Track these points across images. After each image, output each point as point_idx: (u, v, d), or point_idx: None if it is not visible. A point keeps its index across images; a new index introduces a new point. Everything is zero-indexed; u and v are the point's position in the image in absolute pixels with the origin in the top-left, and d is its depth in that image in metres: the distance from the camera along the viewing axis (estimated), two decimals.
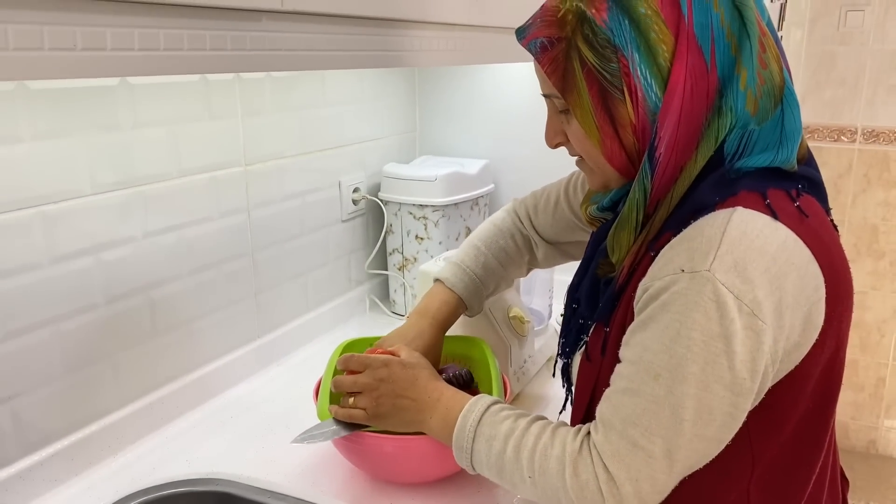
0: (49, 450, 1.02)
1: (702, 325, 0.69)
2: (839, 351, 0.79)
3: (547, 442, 0.78)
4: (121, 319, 1.11)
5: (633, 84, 0.74)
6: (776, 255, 0.70)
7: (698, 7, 0.73)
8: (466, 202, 1.68)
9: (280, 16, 0.85)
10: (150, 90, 1.11)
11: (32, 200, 0.97)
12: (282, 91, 1.37)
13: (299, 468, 1.07)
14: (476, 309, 1.14)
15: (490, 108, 1.79)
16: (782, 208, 0.73)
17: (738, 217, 0.71)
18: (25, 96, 0.94)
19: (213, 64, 0.77)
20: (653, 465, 0.72)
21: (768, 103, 0.75)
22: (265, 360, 1.40)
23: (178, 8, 0.72)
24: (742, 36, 0.73)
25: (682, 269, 0.70)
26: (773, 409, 0.76)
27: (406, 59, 1.13)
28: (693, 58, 0.73)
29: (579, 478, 0.74)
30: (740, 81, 0.73)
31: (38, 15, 0.60)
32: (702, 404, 0.70)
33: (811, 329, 0.73)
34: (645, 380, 0.72)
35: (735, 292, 0.68)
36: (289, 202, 1.43)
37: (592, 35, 0.75)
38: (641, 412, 0.72)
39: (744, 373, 0.69)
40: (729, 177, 0.74)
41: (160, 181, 1.15)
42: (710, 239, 0.70)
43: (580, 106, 0.78)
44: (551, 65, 0.79)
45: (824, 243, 0.75)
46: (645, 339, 0.73)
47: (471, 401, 0.86)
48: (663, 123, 0.74)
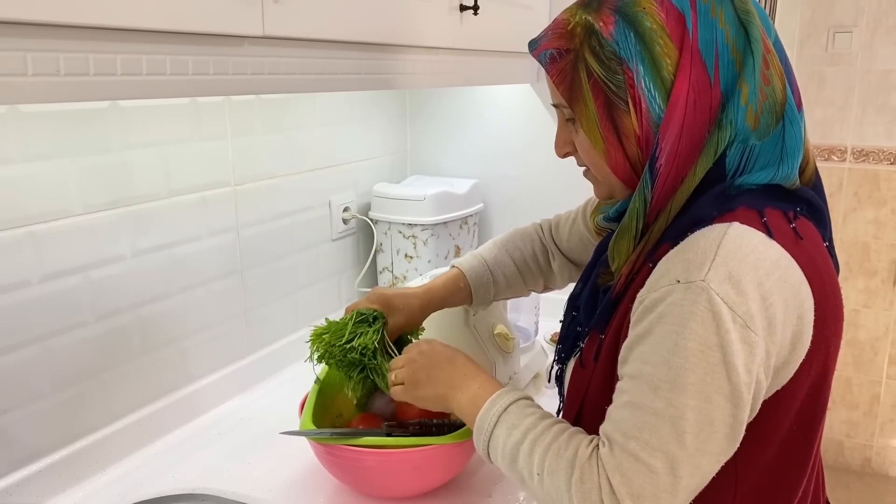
0: (37, 465, 1.03)
1: (699, 335, 0.69)
2: (826, 375, 0.79)
3: (562, 444, 0.77)
4: (110, 337, 1.13)
5: (637, 95, 0.77)
6: (769, 272, 0.71)
7: (704, 23, 0.76)
8: (455, 221, 1.70)
9: (262, 41, 0.87)
10: (140, 112, 1.13)
11: (23, 220, 0.99)
12: (272, 112, 1.40)
13: (285, 484, 1.09)
14: (480, 298, 1.17)
15: (479, 128, 1.82)
16: (778, 228, 0.75)
17: (734, 231, 0.72)
18: (17, 118, 0.97)
19: (196, 88, 0.80)
20: (656, 482, 0.70)
21: (769, 119, 0.76)
22: (254, 377, 1.42)
23: (160, 34, 0.74)
24: (746, 52, 0.75)
25: (678, 280, 0.71)
26: (757, 428, 0.76)
27: (391, 82, 1.16)
28: (697, 71, 0.75)
29: (584, 485, 0.74)
30: (741, 96, 0.75)
31: (22, 42, 0.63)
32: (702, 416, 0.70)
33: (799, 349, 0.74)
34: (645, 393, 0.72)
35: (729, 303, 0.69)
36: (279, 221, 1.45)
37: (599, 47, 0.78)
38: (642, 425, 0.71)
39: (741, 384, 0.70)
40: (729, 192, 0.76)
41: (150, 201, 1.17)
42: (706, 251, 0.71)
43: (586, 116, 0.81)
44: (560, 75, 0.81)
45: (817, 267, 0.76)
46: (643, 353, 0.73)
47: (504, 388, 0.87)
48: (665, 135, 0.76)
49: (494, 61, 1.50)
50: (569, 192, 1.73)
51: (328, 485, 1.07)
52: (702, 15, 0.76)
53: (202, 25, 0.77)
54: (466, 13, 1.28)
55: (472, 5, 1.27)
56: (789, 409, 0.77)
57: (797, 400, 0.77)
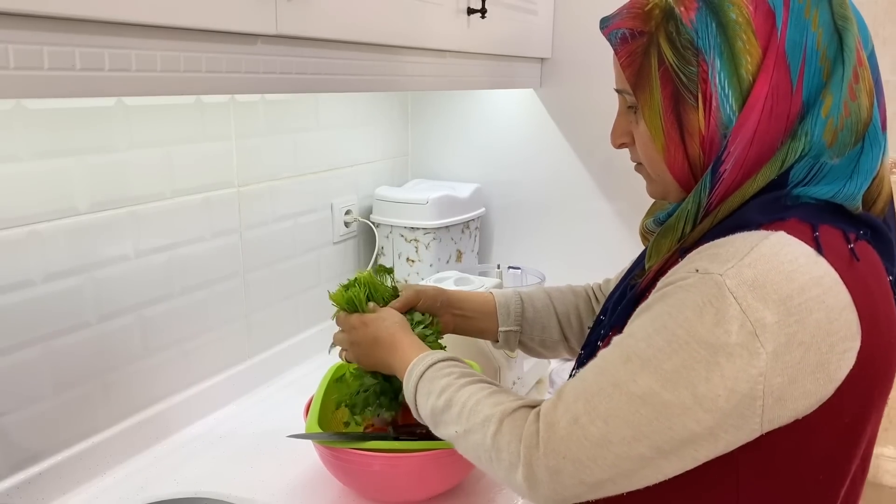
0: (38, 468, 1.02)
1: (690, 324, 0.64)
2: (862, 422, 0.70)
3: (481, 399, 0.77)
4: (112, 338, 1.12)
5: (709, 91, 0.71)
6: (805, 288, 0.64)
7: (795, 23, 0.69)
8: (457, 225, 1.69)
9: (274, 40, 0.87)
10: (145, 111, 1.13)
11: (27, 218, 0.98)
12: (275, 114, 1.39)
13: (288, 487, 1.07)
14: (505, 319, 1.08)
15: (481, 132, 1.82)
16: (831, 245, 0.67)
17: (777, 238, 0.66)
18: (23, 116, 0.96)
19: (209, 85, 0.79)
20: (583, 447, 0.67)
21: (848, 137, 0.69)
22: (256, 380, 1.41)
23: (175, 31, 0.74)
24: (836, 61, 0.69)
25: (697, 270, 0.66)
26: (768, 464, 0.68)
27: (399, 83, 1.16)
28: (779, 75, 0.69)
29: (502, 436, 0.73)
30: (823, 108, 0.68)
31: (38, 35, 0.62)
32: (661, 404, 0.64)
33: (824, 380, 0.65)
34: (615, 361, 0.68)
35: (742, 305, 0.63)
36: (281, 223, 1.44)
37: (676, 33, 0.72)
38: (597, 391, 0.67)
39: (719, 389, 0.63)
40: (784, 202, 0.70)
41: (154, 201, 1.16)
42: (738, 250, 0.66)
43: (650, 106, 0.74)
44: (628, 58, 0.75)
45: (871, 295, 0.68)
46: (633, 326, 0.69)
47: (416, 357, 0.88)
48: (735, 139, 0.70)
49: (500, 65, 1.50)
50: (570, 199, 1.74)
51: (333, 489, 1.06)
52: (794, 14, 0.69)
53: (217, 23, 0.77)
54: (474, 16, 1.28)
55: (479, 8, 1.27)
56: (809, 446, 0.68)
57: (821, 440, 0.68)
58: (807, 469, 0.69)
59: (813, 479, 0.70)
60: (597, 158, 1.70)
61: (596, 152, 1.70)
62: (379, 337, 0.95)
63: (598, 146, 1.69)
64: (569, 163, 1.73)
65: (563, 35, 1.68)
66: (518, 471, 0.71)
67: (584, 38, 1.66)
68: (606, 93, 0.81)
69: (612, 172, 1.69)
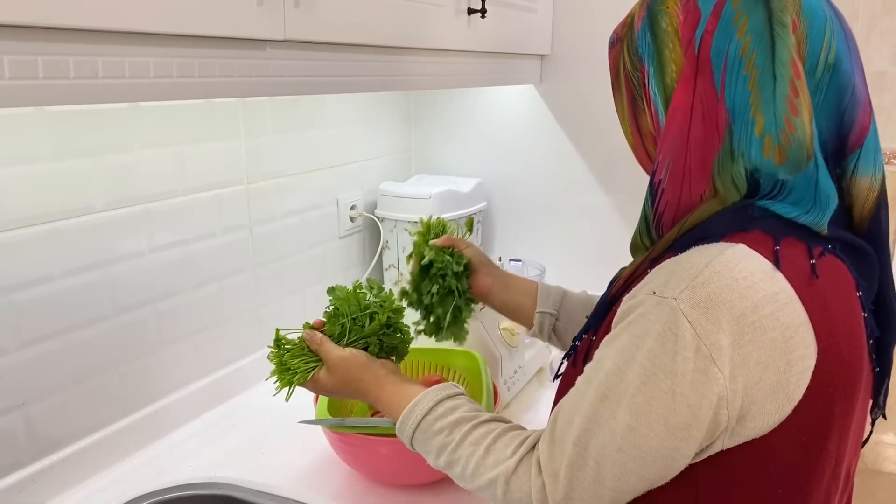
0: (60, 454, 1.07)
1: (654, 356, 0.64)
2: (823, 441, 0.68)
3: (479, 460, 0.76)
4: (128, 330, 1.16)
5: (648, 96, 0.74)
6: (759, 305, 0.63)
7: (722, 30, 0.68)
8: (460, 219, 1.73)
9: (283, 44, 0.91)
10: (158, 112, 1.17)
11: (47, 216, 1.02)
12: (283, 113, 1.44)
13: (298, 472, 1.12)
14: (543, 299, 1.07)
15: (482, 128, 1.86)
16: (791, 260, 0.66)
17: (733, 253, 0.65)
18: (42, 118, 1.00)
19: (222, 89, 0.83)
20: (584, 488, 0.68)
21: (800, 154, 0.66)
22: (265, 371, 1.43)
23: (189, 38, 0.78)
24: (766, 73, 0.66)
25: (654, 292, 0.66)
26: (727, 479, 0.69)
27: (402, 83, 1.19)
28: (704, 82, 0.68)
29: (511, 494, 0.73)
30: (755, 127, 0.66)
31: (64, 47, 0.66)
32: (640, 439, 0.65)
33: (782, 399, 0.65)
34: (593, 400, 0.68)
35: (697, 329, 0.62)
36: (289, 219, 1.49)
37: (631, 42, 0.76)
38: (584, 432, 0.68)
39: (688, 417, 0.63)
40: (750, 213, 0.68)
41: (166, 198, 1.20)
42: (693, 267, 0.65)
43: (620, 107, 0.80)
44: (612, 61, 0.80)
45: (830, 312, 0.66)
46: (605, 357, 0.69)
47: (404, 412, 0.84)
48: (661, 148, 0.71)
49: (500, 62, 1.53)
50: (570, 192, 1.78)
51: (342, 473, 1.11)
52: (723, 21, 0.68)
53: (228, 30, 0.81)
54: (474, 16, 1.32)
55: (479, 8, 1.31)
56: (771, 466, 0.68)
57: (782, 459, 0.68)
58: (766, 484, 0.69)
59: (772, 494, 0.69)
60: (596, 152, 1.74)
61: (595, 146, 1.73)
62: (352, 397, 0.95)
63: (597, 140, 1.72)
64: (569, 157, 1.76)
65: (562, 32, 1.71)
66: None
67: (582, 35, 1.69)
68: (606, 88, 0.84)
69: (612, 166, 1.73)
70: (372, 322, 0.98)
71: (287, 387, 0.96)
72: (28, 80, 0.64)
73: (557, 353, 1.57)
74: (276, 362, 0.97)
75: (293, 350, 0.98)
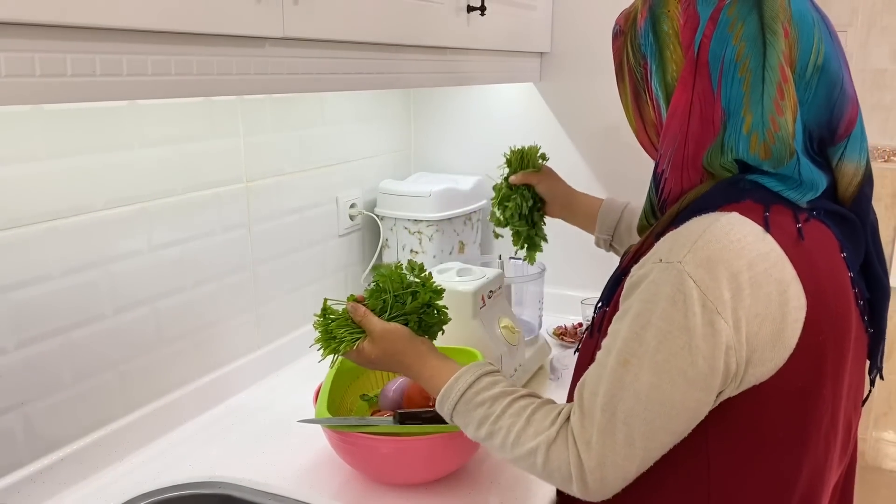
0: (59, 454, 1.07)
1: (668, 315, 0.71)
2: (818, 384, 0.76)
3: (520, 430, 0.81)
4: (127, 329, 1.16)
5: (650, 90, 0.82)
6: (753, 263, 0.70)
7: (719, 35, 0.75)
8: (460, 217, 1.73)
9: (282, 42, 0.90)
10: (156, 111, 1.16)
11: (46, 215, 1.02)
12: (282, 111, 1.43)
13: (298, 471, 1.12)
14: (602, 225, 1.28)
15: (482, 126, 1.85)
16: (780, 225, 0.74)
17: (727, 219, 0.72)
18: (41, 117, 1.00)
19: (220, 87, 0.83)
20: (616, 451, 0.74)
21: (782, 151, 0.74)
22: (266, 369, 1.45)
23: (187, 36, 0.78)
24: (757, 76, 0.73)
25: (660, 259, 0.73)
26: (734, 423, 0.76)
27: (402, 81, 1.19)
28: (703, 83, 0.75)
29: (550, 463, 0.78)
30: (744, 124, 0.74)
31: (61, 44, 0.66)
32: (664, 395, 0.72)
33: (781, 347, 0.72)
34: (615, 367, 0.74)
35: (702, 287, 0.70)
36: (288, 217, 1.48)
37: (634, 37, 0.83)
38: (610, 398, 0.74)
39: (705, 368, 0.70)
40: (742, 186, 0.76)
41: (165, 197, 1.20)
42: (692, 233, 0.72)
43: (623, 96, 0.87)
44: (615, 51, 0.88)
45: (817, 270, 0.74)
46: (621, 327, 0.75)
47: (443, 390, 0.89)
48: (663, 142, 0.78)
49: (500, 60, 1.53)
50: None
51: (342, 472, 1.11)
52: (720, 27, 0.75)
53: (227, 27, 0.81)
54: (473, 14, 1.31)
55: (479, 6, 1.31)
56: (770, 411, 0.75)
57: (781, 404, 0.75)
58: (768, 428, 0.76)
59: (774, 438, 0.77)
60: (596, 150, 1.73)
61: (595, 144, 1.73)
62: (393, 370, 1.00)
63: (596, 137, 1.72)
64: (568, 154, 1.76)
65: (561, 29, 1.71)
66: (572, 486, 0.78)
67: (582, 32, 1.69)
68: (605, 85, 0.88)
69: (611, 163, 1.72)
70: (414, 300, 1.02)
71: (332, 354, 1.00)
72: (25, 77, 0.63)
73: (557, 351, 1.57)
74: (322, 330, 1.02)
75: (338, 320, 1.01)
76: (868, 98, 2.67)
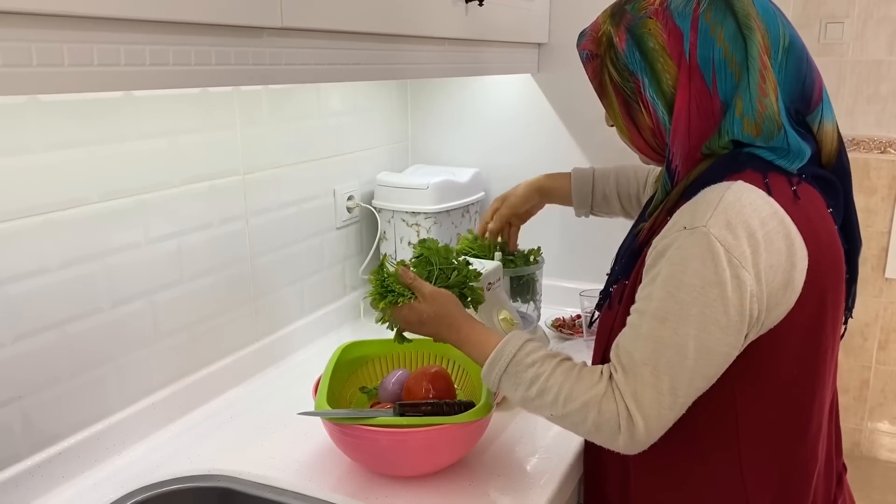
0: (57, 448, 1.06)
1: (700, 274, 0.80)
2: (820, 322, 0.88)
3: (573, 386, 0.87)
4: (125, 322, 1.16)
5: (645, 100, 0.91)
6: (765, 222, 0.81)
7: (703, 41, 0.86)
8: (457, 209, 1.73)
9: (280, 32, 0.90)
10: (153, 102, 1.16)
11: (42, 208, 1.01)
12: (278, 103, 1.42)
13: (297, 464, 1.12)
14: (578, 201, 1.39)
15: (480, 118, 1.85)
16: (778, 189, 0.85)
17: (737, 187, 0.83)
18: (37, 108, 0.99)
19: (218, 78, 0.82)
20: (661, 401, 0.82)
21: (771, 127, 0.85)
22: (263, 362, 1.44)
23: (185, 26, 0.77)
24: (744, 68, 0.85)
25: (684, 227, 0.82)
26: (756, 364, 0.86)
27: (399, 71, 1.18)
28: (696, 84, 0.86)
29: (603, 415, 0.85)
30: (736, 110, 0.85)
31: (58, 34, 0.65)
32: (701, 344, 0.81)
33: (791, 292, 0.84)
34: (654, 325, 0.83)
35: (726, 246, 0.80)
36: (285, 210, 1.48)
37: (616, 59, 0.93)
38: (651, 353, 0.82)
39: (735, 316, 0.81)
40: (740, 159, 0.86)
41: (162, 189, 1.19)
42: (710, 202, 0.82)
43: (612, 109, 0.97)
44: (592, 73, 0.97)
45: (812, 224, 0.85)
46: (652, 291, 0.84)
47: (494, 353, 0.94)
48: (675, 140, 0.89)
49: (497, 51, 1.53)
50: None
51: (342, 464, 1.10)
52: (702, 34, 0.86)
53: (225, 17, 0.80)
54: (472, 4, 1.31)
55: None
56: (786, 348, 0.87)
57: (793, 341, 0.87)
58: (784, 365, 0.88)
59: (791, 376, 0.89)
60: (593, 141, 1.73)
61: (593, 135, 1.73)
62: (440, 333, 1.04)
63: (594, 129, 1.72)
64: (566, 146, 1.76)
65: (559, 20, 1.70)
66: (619, 438, 0.85)
67: (579, 23, 1.66)
68: None
69: (609, 155, 1.71)
70: (458, 276, 1.11)
71: (386, 307, 1.05)
72: (22, 67, 0.63)
73: (555, 342, 1.57)
74: (376, 283, 1.07)
75: (391, 278, 1.06)
76: (864, 89, 2.67)
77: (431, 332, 1.05)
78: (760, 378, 0.88)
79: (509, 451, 1.16)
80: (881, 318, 2.84)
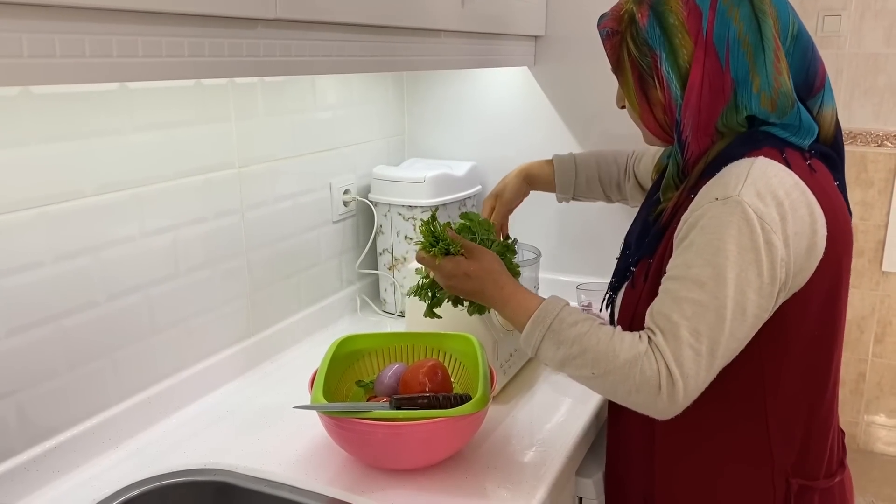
0: (52, 442, 1.06)
1: (736, 240, 0.85)
2: (839, 284, 0.96)
3: (617, 343, 0.90)
4: (120, 316, 1.15)
5: (661, 76, 0.96)
6: (789, 192, 0.87)
7: (720, 21, 0.92)
8: (454, 203, 1.72)
9: (274, 23, 0.89)
10: (147, 95, 1.15)
11: (36, 201, 1.01)
12: (274, 95, 1.42)
13: (294, 458, 1.11)
14: (562, 187, 1.43)
15: (476, 111, 1.84)
16: (796, 163, 0.91)
17: (761, 162, 0.89)
18: (30, 101, 0.98)
19: (211, 69, 0.82)
20: (699, 363, 0.86)
21: (786, 102, 0.92)
22: (259, 356, 1.44)
23: (178, 17, 0.76)
24: (758, 47, 0.91)
25: (717, 198, 0.87)
26: (782, 326, 0.92)
27: (395, 64, 1.18)
28: (710, 61, 0.92)
29: (644, 374, 0.87)
30: (753, 86, 0.92)
31: (49, 24, 0.64)
32: (738, 306, 0.86)
33: (813, 257, 0.90)
34: (692, 289, 0.87)
35: (759, 213, 0.85)
36: (281, 203, 1.47)
37: (636, 34, 0.97)
38: (691, 316, 0.86)
39: (768, 279, 0.86)
40: (757, 136, 0.93)
41: (157, 183, 1.19)
42: (738, 175, 0.88)
43: (626, 85, 1.02)
44: (611, 50, 1.02)
45: (827, 195, 0.92)
46: (688, 258, 0.88)
47: (538, 311, 0.97)
48: (686, 112, 0.95)
49: (494, 44, 1.52)
50: None
51: (338, 458, 1.10)
52: (719, 14, 0.92)
53: (219, 8, 0.79)
54: None
55: None
56: (809, 310, 0.93)
57: (815, 303, 0.93)
58: (807, 325, 0.94)
59: (813, 336, 0.95)
60: (591, 134, 1.73)
61: (590, 128, 1.72)
62: (485, 289, 1.05)
63: (592, 122, 1.71)
64: (563, 139, 1.75)
65: (556, 13, 1.69)
66: (658, 398, 0.87)
67: (576, 16, 1.68)
68: (599, 69, 0.93)
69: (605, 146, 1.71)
70: (497, 245, 1.15)
71: (436, 257, 1.06)
72: (13, 58, 0.62)
73: None
74: (427, 233, 1.09)
75: (440, 231, 1.09)
76: (861, 83, 2.67)
77: (476, 288, 1.05)
78: (785, 339, 0.93)
79: (506, 444, 1.16)
80: (878, 311, 2.84)
